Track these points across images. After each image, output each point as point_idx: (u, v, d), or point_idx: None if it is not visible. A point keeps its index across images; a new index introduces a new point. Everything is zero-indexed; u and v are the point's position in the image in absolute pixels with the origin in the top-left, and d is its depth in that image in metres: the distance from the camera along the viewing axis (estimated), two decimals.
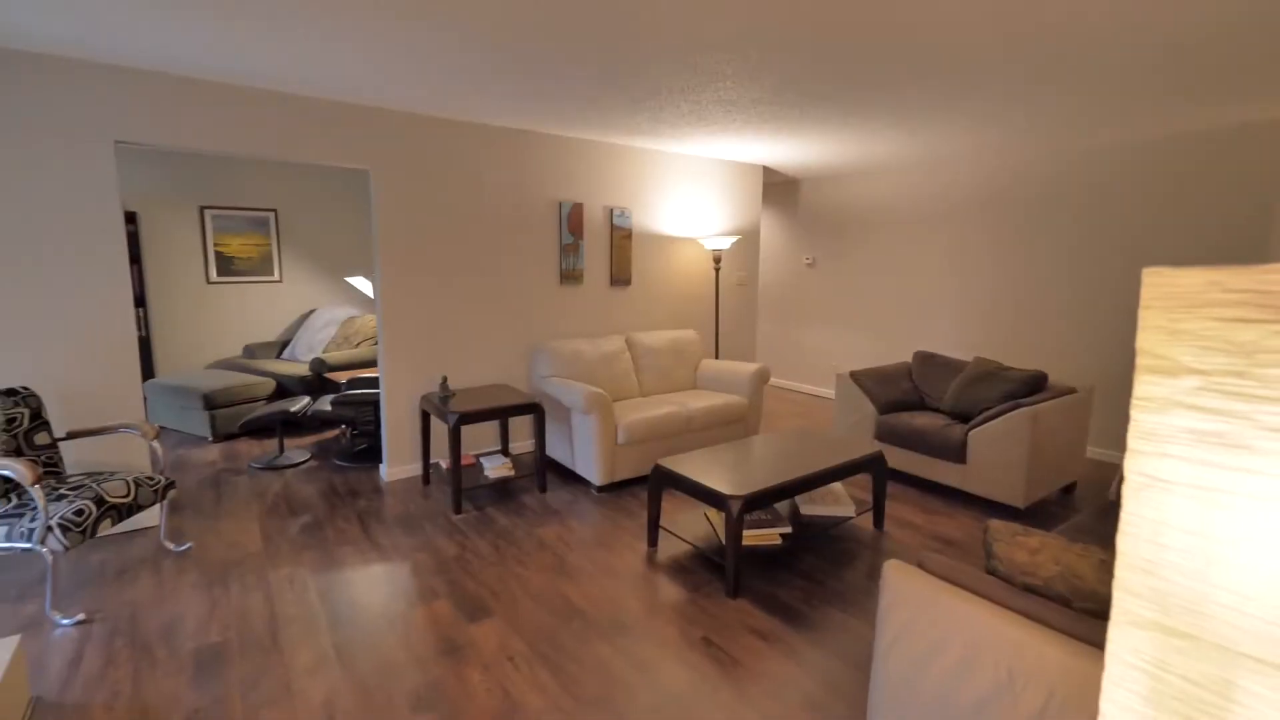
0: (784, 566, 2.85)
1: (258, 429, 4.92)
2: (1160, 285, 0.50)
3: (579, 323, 4.53)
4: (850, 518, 3.04)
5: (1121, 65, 2.71)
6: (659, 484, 2.94)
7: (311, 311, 6.02)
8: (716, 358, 5.21)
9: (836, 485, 3.36)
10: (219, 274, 5.65)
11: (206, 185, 5.53)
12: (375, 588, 2.63)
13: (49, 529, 2.27)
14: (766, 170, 5.75)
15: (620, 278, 4.67)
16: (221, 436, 4.67)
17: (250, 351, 5.58)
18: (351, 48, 2.58)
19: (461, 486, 3.40)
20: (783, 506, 3.15)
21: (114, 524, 2.48)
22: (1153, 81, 2.93)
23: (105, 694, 1.99)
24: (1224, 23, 2.24)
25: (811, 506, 3.11)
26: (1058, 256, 4.58)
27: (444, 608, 2.49)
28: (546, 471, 3.74)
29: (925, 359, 4.32)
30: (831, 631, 2.36)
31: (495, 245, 4.09)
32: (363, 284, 5.42)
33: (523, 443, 4.36)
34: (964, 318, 5.19)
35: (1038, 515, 3.42)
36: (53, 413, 2.91)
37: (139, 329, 5.16)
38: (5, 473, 2.23)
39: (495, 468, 3.62)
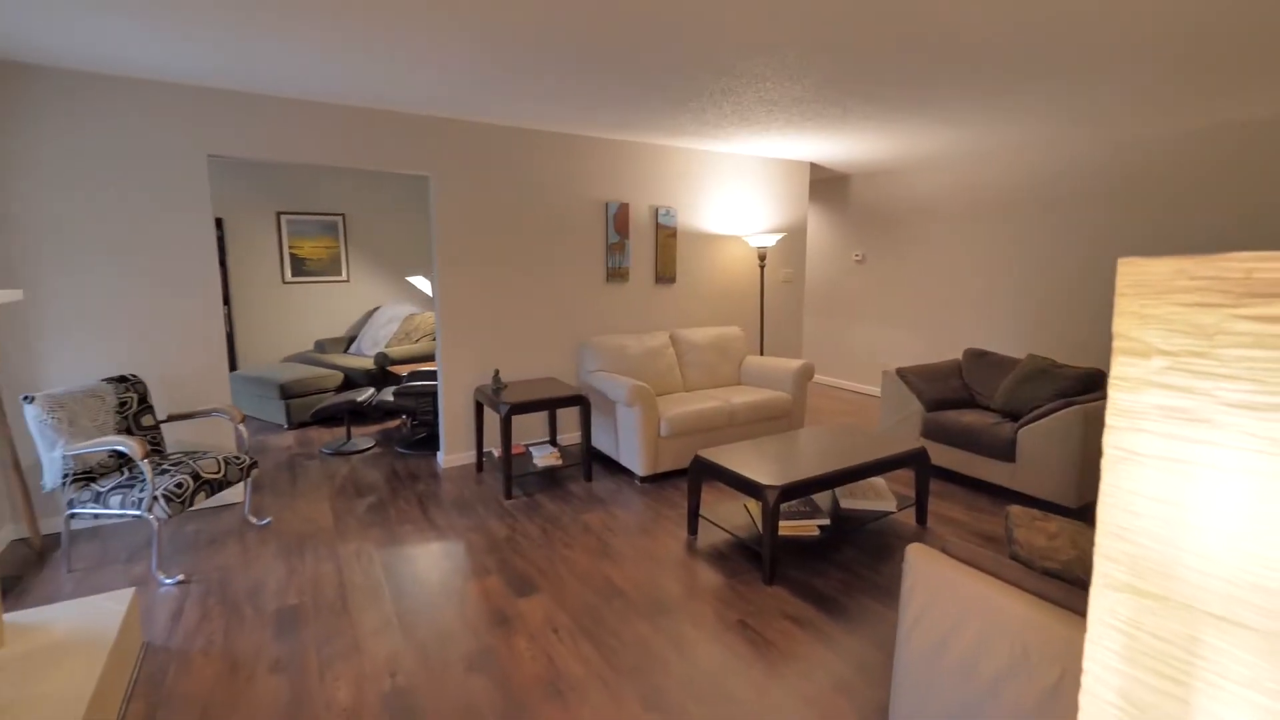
0: (822, 558, 2.90)
1: (327, 418, 5.28)
2: (1132, 274, 0.57)
3: (624, 319, 4.67)
4: (890, 513, 3.06)
5: (1176, 54, 2.63)
6: (699, 474, 3.04)
7: (376, 309, 6.38)
8: (761, 354, 5.25)
9: (878, 480, 3.38)
10: (293, 274, 6.08)
11: (283, 192, 5.96)
12: (433, 563, 2.84)
13: (155, 499, 2.57)
14: (814, 166, 5.74)
15: (665, 275, 4.78)
16: (295, 424, 5.05)
17: (321, 346, 5.98)
18: (418, 65, 2.79)
19: (512, 474, 3.59)
20: (823, 500, 3.20)
21: (207, 497, 2.77)
22: (1209, 69, 2.83)
23: (202, 642, 2.25)
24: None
25: (852, 500, 3.15)
26: (1115, 251, 4.42)
27: (495, 583, 2.67)
28: (592, 461, 3.89)
29: (976, 356, 4.25)
30: (866, 620, 2.41)
31: (544, 245, 4.27)
32: (422, 283, 5.73)
33: (570, 434, 4.54)
34: (1018, 314, 5.05)
35: (1091, 516, 3.34)
36: (155, 398, 3.26)
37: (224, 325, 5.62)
38: (120, 448, 2.54)
39: (544, 457, 3.80)
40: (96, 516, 2.60)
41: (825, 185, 6.56)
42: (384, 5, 2.16)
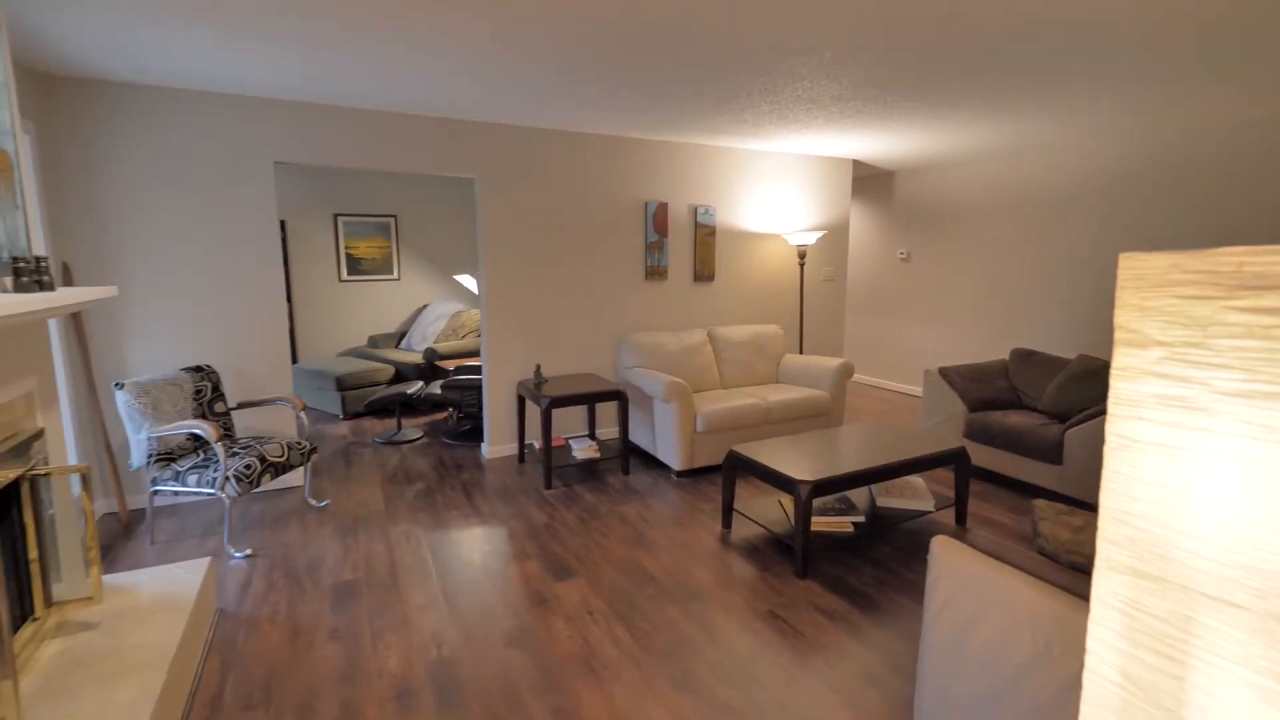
0: (856, 554, 2.92)
1: (380, 409, 5.54)
2: (1132, 268, 0.61)
3: (662, 317, 4.75)
4: (928, 512, 3.05)
5: (1231, 44, 2.54)
6: (733, 468, 3.09)
7: (425, 306, 6.64)
8: (800, 353, 5.24)
9: (916, 479, 3.36)
10: (348, 273, 6.39)
11: (340, 196, 6.27)
12: (476, 546, 2.98)
13: (227, 479, 2.79)
14: (857, 163, 5.69)
15: (704, 274, 4.83)
16: (350, 414, 5.32)
17: (374, 341, 6.26)
18: (466, 75, 2.93)
19: (552, 465, 3.72)
20: (860, 497, 3.20)
21: (272, 479, 2.99)
22: (1271, 57, 2.72)
23: (268, 610, 2.44)
24: None
25: (889, 499, 3.14)
26: (1175, 248, 4.24)
27: (534, 567, 2.79)
28: (629, 455, 3.99)
29: (1024, 356, 4.16)
30: (898, 616, 2.42)
31: (585, 244, 4.39)
32: (469, 282, 5.95)
33: (609, 429, 4.65)
34: (1069, 314, 4.90)
35: None
36: (225, 387, 3.52)
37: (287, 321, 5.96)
38: (197, 431, 2.77)
39: (582, 449, 3.91)
40: (176, 494, 2.84)
41: (869, 182, 6.48)
42: (436, 20, 2.30)
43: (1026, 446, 3.55)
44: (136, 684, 1.68)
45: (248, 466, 2.86)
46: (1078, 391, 3.64)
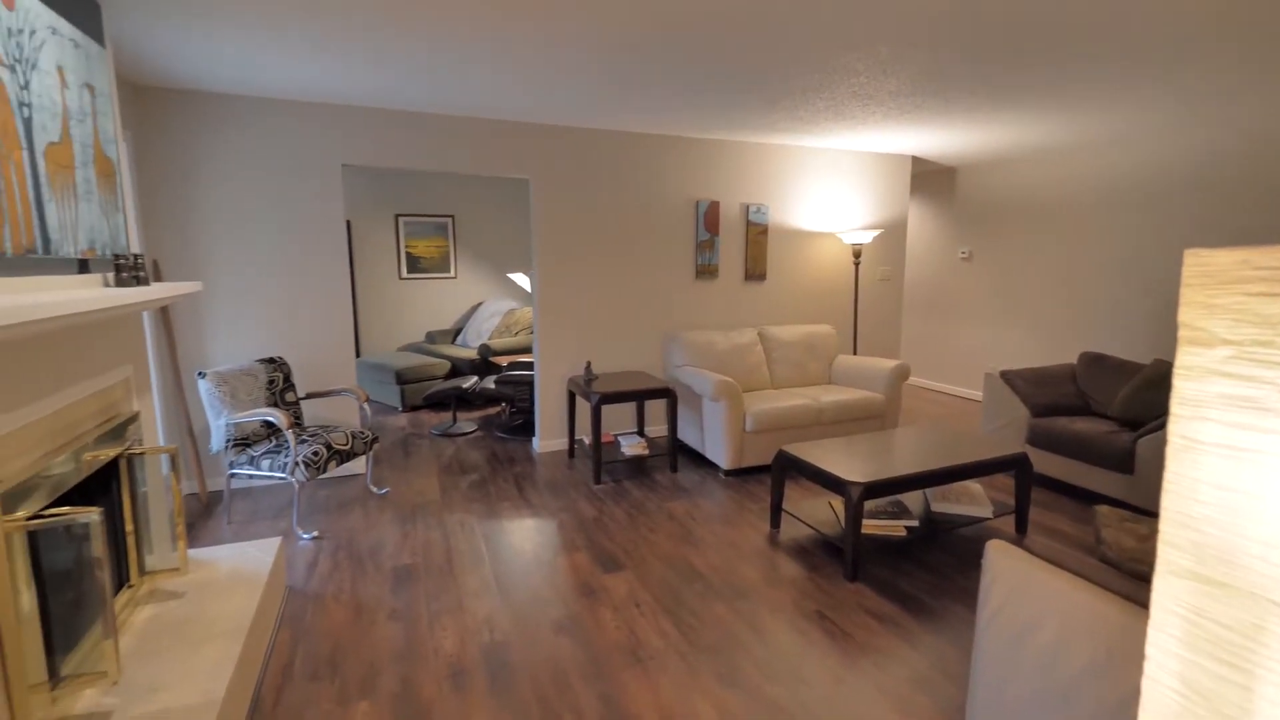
0: (909, 559, 2.85)
1: (436, 402, 5.74)
2: (1198, 265, 0.59)
3: (713, 316, 4.74)
4: (986, 519, 2.95)
5: None
6: (783, 468, 3.07)
7: (480, 304, 6.84)
8: (855, 354, 5.14)
9: (974, 485, 3.26)
10: (408, 271, 6.64)
11: (401, 197, 6.53)
12: (527, 536, 3.06)
13: (296, 464, 2.96)
14: (916, 159, 5.54)
15: (755, 273, 4.80)
16: (409, 407, 5.53)
17: (431, 337, 6.49)
18: (521, 79, 3.02)
19: (601, 461, 3.78)
20: (914, 501, 3.13)
21: (337, 465, 3.15)
22: None
23: (333, 589, 2.58)
24: None
25: (944, 504, 3.06)
26: (1247, 245, 3.94)
27: (583, 559, 2.84)
28: (678, 453, 4.00)
29: (1093, 360, 3.96)
30: (951, 622, 2.36)
31: (636, 243, 4.43)
32: (522, 280, 6.09)
33: (658, 426, 4.68)
34: (1144, 317, 4.63)
35: None
36: (295, 378, 3.72)
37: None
38: (270, 418, 2.95)
39: (631, 446, 3.96)
40: (250, 477, 3.03)
41: (929, 179, 6.29)
42: (489, 28, 2.38)
43: (1095, 454, 3.38)
44: (218, 650, 1.81)
45: (315, 453, 3.03)
46: (1152, 398, 3.44)
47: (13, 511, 1.38)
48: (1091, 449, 3.40)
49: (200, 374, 3.04)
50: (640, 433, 4.48)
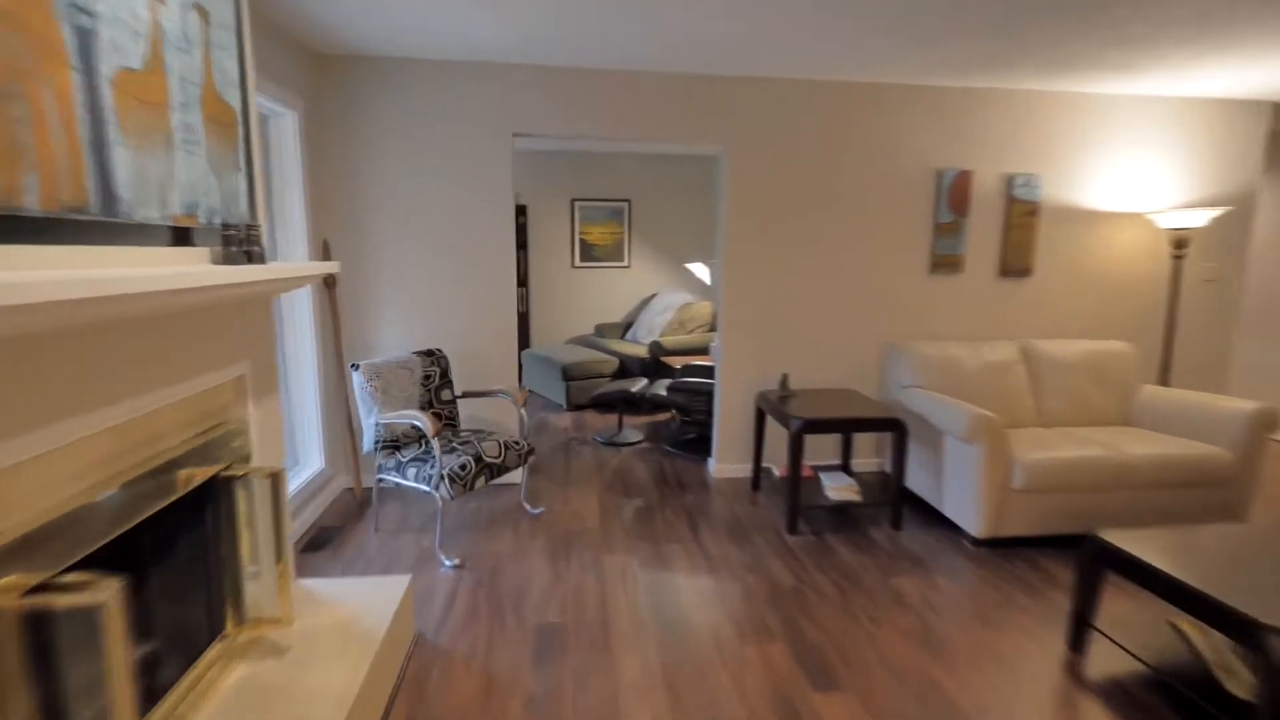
0: None
1: (602, 404, 5.27)
2: None
3: (952, 322, 3.63)
4: None
5: None
6: (1095, 564, 2.00)
7: (652, 296, 6.28)
8: (1165, 384, 3.70)
9: None
10: (581, 259, 6.28)
11: (578, 180, 6.16)
12: (703, 602, 2.34)
13: (441, 478, 2.52)
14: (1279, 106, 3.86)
15: (1015, 267, 3.59)
16: (574, 405, 5.12)
17: (600, 331, 6.07)
18: (718, 12, 2.26)
19: (799, 504, 2.93)
20: None
21: (487, 481, 2.68)
22: None
23: (466, 645, 2.07)
24: None
25: None
26: None
27: (781, 655, 2.05)
28: (902, 504, 3.02)
29: None
30: None
31: (850, 226, 3.48)
32: (701, 270, 5.38)
33: (865, 459, 3.70)
34: None
35: None
36: (454, 373, 3.37)
37: (521, 306, 6.04)
38: (416, 423, 2.55)
39: (837, 488, 3.06)
40: (398, 485, 2.67)
41: None
42: None
43: None
44: None
45: (463, 467, 2.57)
46: None
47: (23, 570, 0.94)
48: None
49: (353, 366, 2.74)
50: (845, 468, 3.54)
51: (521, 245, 6.00)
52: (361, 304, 3.25)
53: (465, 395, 3.12)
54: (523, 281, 6.05)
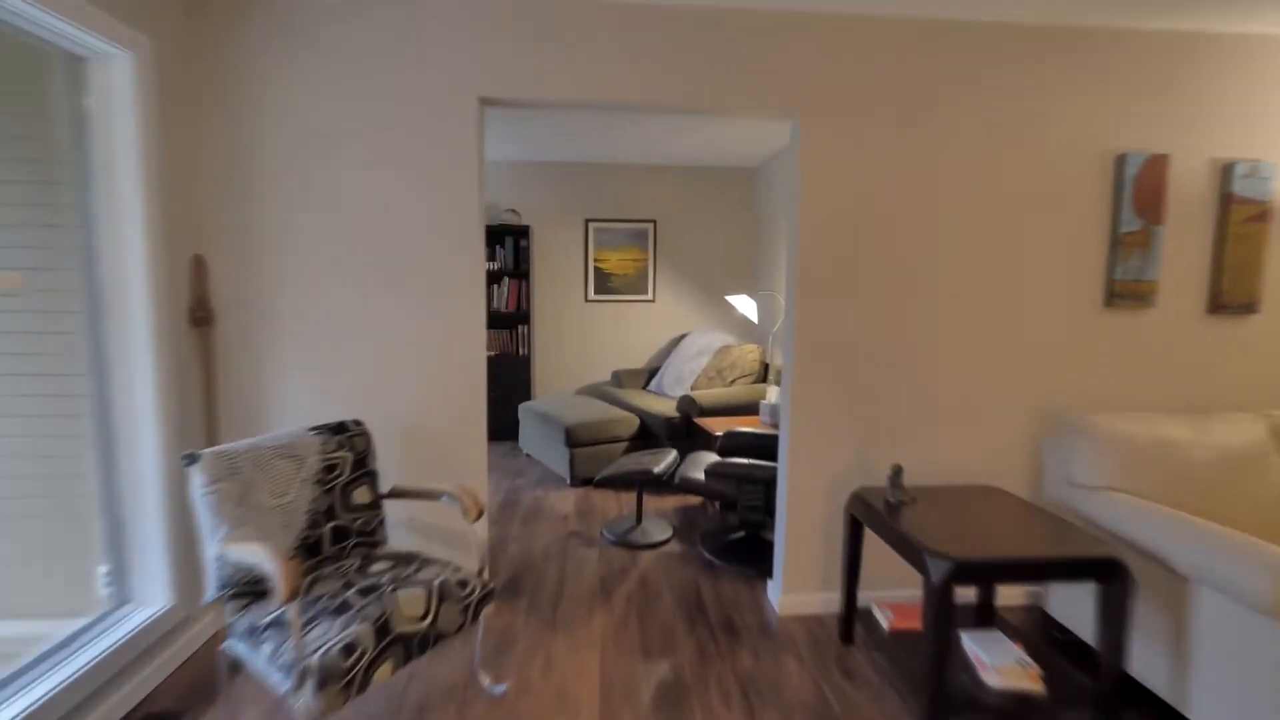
0: None
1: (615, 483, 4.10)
2: None
3: (1142, 380, 2.42)
4: None
5: None
6: None
7: (683, 336, 5.17)
8: None
9: None
10: (596, 291, 5.22)
11: (593, 197, 5.16)
12: None
13: (303, 671, 1.38)
14: None
15: (1235, 299, 2.39)
16: (579, 480, 3.96)
17: (618, 379, 4.95)
18: None
19: (942, 689, 1.71)
20: None
21: (394, 670, 1.53)
22: None
23: None
24: None
25: None
26: None
27: None
28: (1119, 699, 1.78)
29: None
30: None
31: (978, 239, 2.33)
32: (746, 304, 4.26)
33: (1012, 599, 2.46)
34: None
35: None
36: (383, 456, 2.26)
37: (521, 348, 4.97)
38: (260, 569, 1.43)
39: (1004, 668, 1.82)
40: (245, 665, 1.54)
41: None
42: None
43: None
44: None
45: (347, 649, 1.43)
46: None
47: None
48: None
49: (188, 458, 1.64)
50: (989, 609, 2.28)
51: (523, 274, 4.97)
52: (254, 354, 2.19)
53: (394, 495, 2.00)
54: (523, 318, 5.00)
